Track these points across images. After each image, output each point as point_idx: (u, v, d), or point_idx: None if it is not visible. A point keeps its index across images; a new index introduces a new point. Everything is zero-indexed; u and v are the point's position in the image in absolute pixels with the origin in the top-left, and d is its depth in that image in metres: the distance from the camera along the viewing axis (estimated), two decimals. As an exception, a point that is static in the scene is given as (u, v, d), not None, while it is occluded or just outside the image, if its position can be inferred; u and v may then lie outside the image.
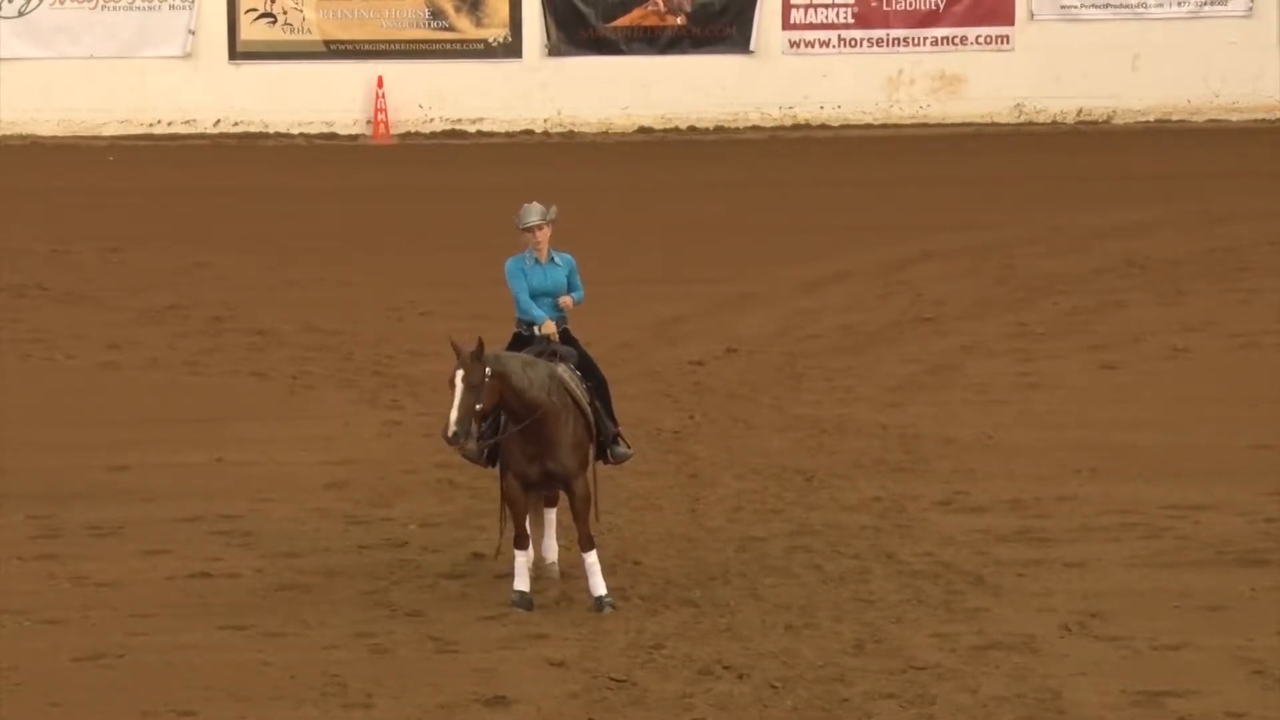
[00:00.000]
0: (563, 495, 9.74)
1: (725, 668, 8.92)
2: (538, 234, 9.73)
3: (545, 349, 9.64)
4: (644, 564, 10.19)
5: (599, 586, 9.52)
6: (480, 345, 9.35)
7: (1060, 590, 9.79)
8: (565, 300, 9.75)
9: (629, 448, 9.72)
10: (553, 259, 9.80)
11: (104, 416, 12.91)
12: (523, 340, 9.77)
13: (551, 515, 9.91)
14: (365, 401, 13.10)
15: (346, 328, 14.95)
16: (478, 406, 9.23)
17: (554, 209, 9.76)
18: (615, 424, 9.71)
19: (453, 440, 9.23)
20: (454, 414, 9.20)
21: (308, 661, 9.03)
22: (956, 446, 12.08)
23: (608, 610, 9.46)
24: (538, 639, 9.28)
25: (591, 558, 9.51)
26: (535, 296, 9.74)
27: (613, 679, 8.82)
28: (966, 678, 8.82)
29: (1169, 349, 14.27)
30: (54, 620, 9.53)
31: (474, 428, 9.31)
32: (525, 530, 9.58)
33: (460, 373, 9.26)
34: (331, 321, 15.11)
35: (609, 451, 9.65)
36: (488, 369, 9.27)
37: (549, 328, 9.65)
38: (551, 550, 9.89)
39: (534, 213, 9.74)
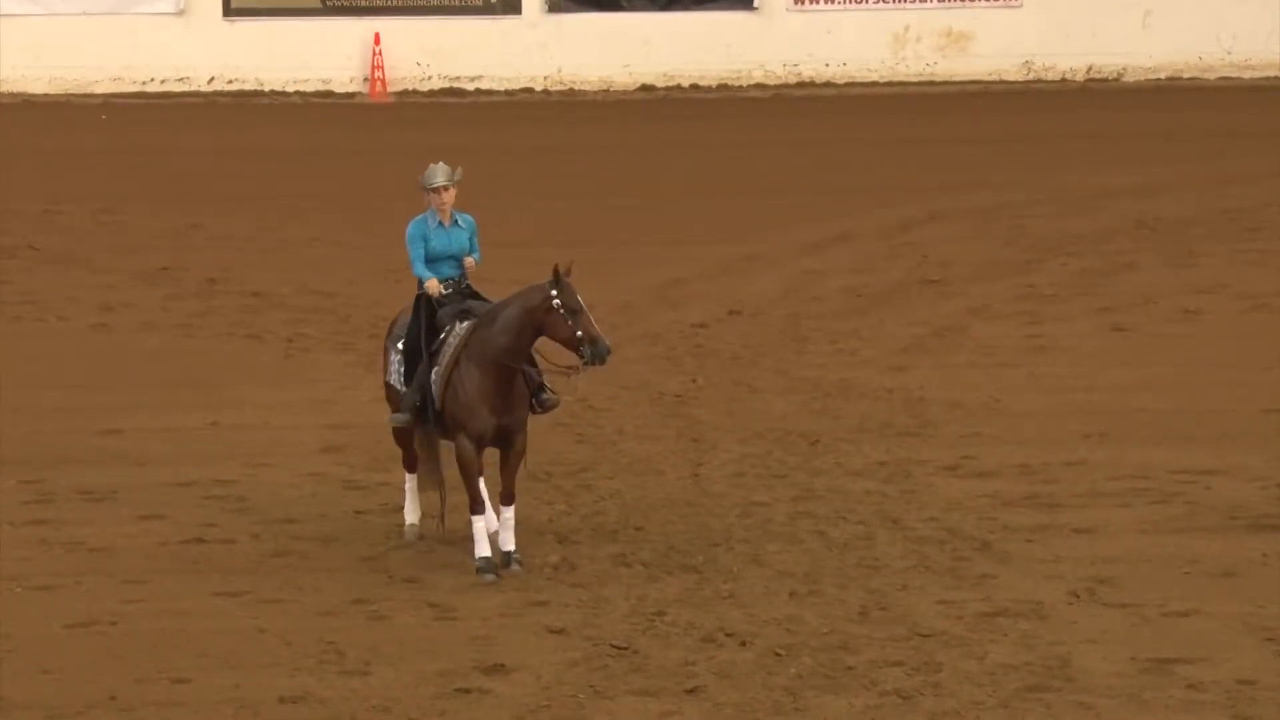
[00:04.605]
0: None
1: (728, 635, 8.83)
2: (444, 195, 9.70)
3: (459, 308, 9.60)
4: (646, 529, 10.08)
5: (510, 542, 9.49)
6: (569, 269, 9.39)
7: (1069, 556, 9.70)
8: (469, 261, 9.74)
9: (554, 393, 9.69)
10: (455, 221, 9.76)
11: (96, 380, 12.79)
12: (427, 301, 9.70)
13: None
14: (362, 365, 12.96)
15: (343, 289, 14.82)
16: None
17: (459, 170, 9.73)
18: (540, 372, 9.67)
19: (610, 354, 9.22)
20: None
21: (304, 628, 8.94)
22: (963, 410, 11.95)
23: (515, 567, 9.44)
24: (537, 606, 9.19)
25: (510, 513, 9.50)
26: (437, 259, 9.72)
27: (614, 646, 8.74)
28: (973, 645, 8.73)
29: (1179, 311, 14.14)
30: (46, 586, 9.44)
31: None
32: (481, 495, 9.48)
33: (580, 295, 9.30)
34: (328, 283, 14.98)
35: (535, 400, 9.61)
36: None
37: (433, 286, 9.66)
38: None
39: (440, 173, 9.70)
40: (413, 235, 9.70)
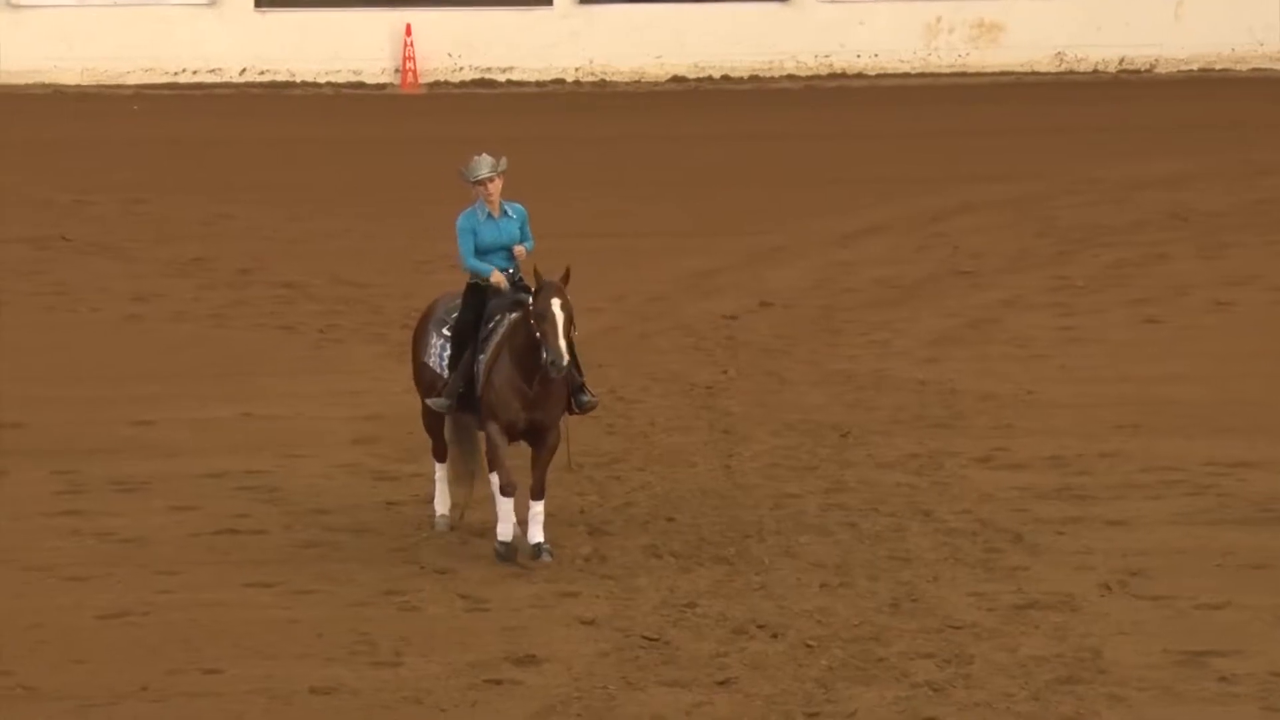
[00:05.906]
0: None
1: (759, 626, 8.82)
2: (489, 186, 9.63)
3: (511, 299, 9.57)
4: (677, 521, 10.07)
5: (539, 534, 9.50)
6: (568, 273, 9.33)
7: (1100, 548, 9.66)
8: (519, 250, 9.67)
9: (593, 396, 9.66)
10: (505, 211, 9.71)
11: (128, 370, 12.83)
12: (478, 290, 9.67)
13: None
14: (394, 356, 12.96)
15: (375, 280, 14.84)
16: (574, 334, 9.24)
17: (504, 160, 9.67)
18: (580, 373, 9.64)
19: (563, 369, 9.15)
20: (563, 343, 9.19)
21: (336, 619, 8.95)
22: (996, 402, 11.91)
23: (545, 558, 9.44)
24: (568, 597, 9.18)
25: (540, 507, 9.49)
26: (489, 250, 9.66)
27: (645, 638, 8.73)
28: (1005, 637, 8.70)
29: (1212, 303, 14.07)
30: (78, 577, 9.47)
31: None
32: (512, 479, 9.50)
33: (558, 301, 9.24)
34: (360, 274, 14.99)
35: (574, 400, 9.59)
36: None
37: (498, 278, 9.59)
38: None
39: (484, 165, 9.62)
40: (462, 228, 9.64)
